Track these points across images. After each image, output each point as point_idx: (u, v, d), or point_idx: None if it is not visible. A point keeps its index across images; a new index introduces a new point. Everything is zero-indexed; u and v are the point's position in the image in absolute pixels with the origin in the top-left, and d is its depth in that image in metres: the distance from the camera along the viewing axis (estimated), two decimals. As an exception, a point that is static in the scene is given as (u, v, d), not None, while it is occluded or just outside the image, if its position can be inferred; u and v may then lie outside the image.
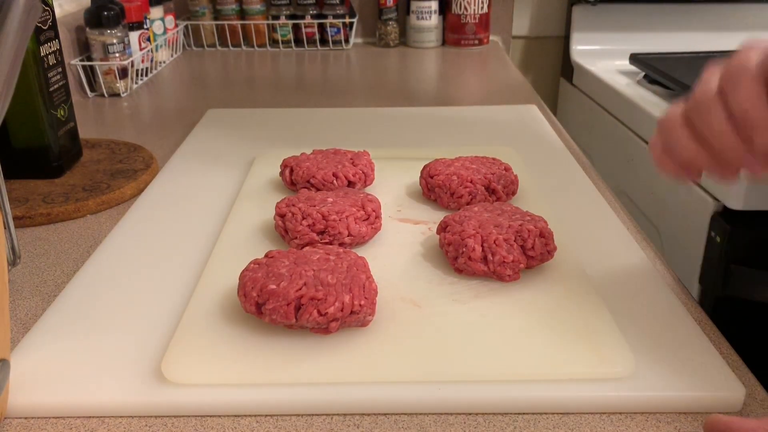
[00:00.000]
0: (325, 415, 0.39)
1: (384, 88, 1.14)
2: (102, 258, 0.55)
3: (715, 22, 1.49)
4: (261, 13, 1.43)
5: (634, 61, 1.29)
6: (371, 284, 0.45)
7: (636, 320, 0.46)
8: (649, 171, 1.11)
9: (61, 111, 0.73)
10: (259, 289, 0.43)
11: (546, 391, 0.39)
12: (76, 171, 0.73)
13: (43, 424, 0.39)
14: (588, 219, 0.61)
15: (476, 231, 0.50)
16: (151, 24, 1.22)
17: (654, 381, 0.40)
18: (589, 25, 1.49)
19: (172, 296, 0.50)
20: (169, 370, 0.41)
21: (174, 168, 0.74)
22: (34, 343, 0.45)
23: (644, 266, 0.53)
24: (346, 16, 1.41)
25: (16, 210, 0.63)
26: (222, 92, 1.12)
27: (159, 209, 0.64)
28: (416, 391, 0.40)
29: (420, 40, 1.45)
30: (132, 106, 1.04)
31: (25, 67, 0.66)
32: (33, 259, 0.58)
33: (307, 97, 1.08)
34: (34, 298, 0.52)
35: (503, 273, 0.49)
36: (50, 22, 0.70)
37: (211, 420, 0.39)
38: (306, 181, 0.63)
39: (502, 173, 0.62)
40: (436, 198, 0.62)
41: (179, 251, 0.56)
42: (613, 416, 0.39)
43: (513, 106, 0.96)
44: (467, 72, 1.26)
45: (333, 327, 0.43)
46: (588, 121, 1.41)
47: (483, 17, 1.43)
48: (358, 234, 0.54)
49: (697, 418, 0.39)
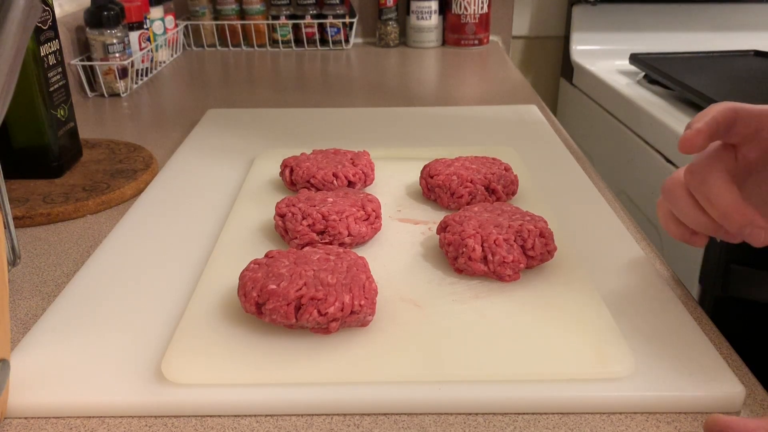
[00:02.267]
0: (325, 415, 0.39)
1: (384, 88, 1.14)
2: (102, 258, 0.55)
3: (715, 22, 1.49)
4: (261, 13, 1.43)
5: (634, 61, 1.29)
6: (371, 284, 0.45)
7: (636, 320, 0.46)
8: (649, 171, 1.11)
9: (61, 111, 0.73)
10: (259, 289, 0.43)
11: (546, 391, 0.39)
12: (76, 171, 0.73)
13: (43, 424, 0.39)
14: (588, 219, 0.61)
15: (476, 231, 0.50)
16: (151, 24, 1.22)
17: (654, 381, 0.40)
18: (589, 25, 1.49)
19: (172, 296, 0.50)
20: (169, 370, 0.41)
21: (174, 168, 0.74)
22: (34, 343, 0.45)
23: (644, 266, 0.53)
24: (346, 16, 1.41)
25: (16, 210, 0.63)
26: (222, 92, 1.12)
27: (159, 209, 0.64)
28: (416, 391, 0.40)
29: (420, 40, 1.45)
30: (132, 106, 1.04)
31: (25, 67, 0.66)
32: (33, 259, 0.58)
33: (307, 97, 1.08)
34: (34, 298, 0.52)
35: (503, 273, 0.49)
36: (50, 22, 0.70)
37: (211, 420, 0.39)
38: (306, 181, 0.63)
39: (502, 173, 0.62)
40: (436, 198, 0.62)
41: (179, 251, 0.56)
42: (613, 416, 0.39)
43: (513, 106, 0.96)
44: (467, 72, 1.26)
45: (333, 327, 0.43)
46: (588, 121, 1.41)
47: (483, 17, 1.43)
48: (358, 234, 0.54)
49: (697, 418, 0.39)
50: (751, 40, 1.45)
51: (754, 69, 1.26)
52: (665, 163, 1.05)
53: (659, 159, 1.07)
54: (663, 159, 1.06)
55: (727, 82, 1.17)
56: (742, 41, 1.44)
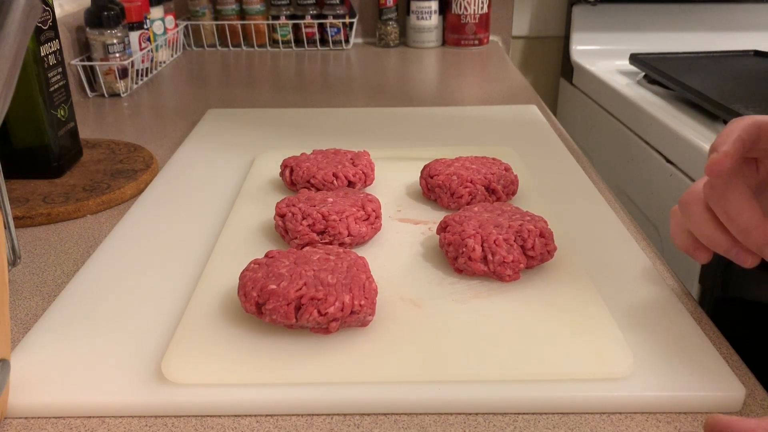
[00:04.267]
0: (325, 415, 0.39)
1: (384, 88, 1.14)
2: (102, 258, 0.55)
3: (715, 22, 1.49)
4: (261, 13, 1.43)
5: (634, 61, 1.29)
6: (371, 284, 0.45)
7: (636, 320, 0.46)
8: (649, 171, 1.11)
9: (61, 111, 0.73)
10: (259, 289, 0.43)
11: (546, 391, 0.39)
12: (76, 171, 0.73)
13: (43, 424, 0.39)
14: (588, 219, 0.61)
15: (476, 231, 0.50)
16: (151, 24, 1.22)
17: (654, 381, 0.40)
18: (589, 25, 1.49)
19: (172, 296, 0.50)
20: (169, 370, 0.41)
21: (174, 168, 0.74)
22: (34, 343, 0.45)
23: (644, 266, 0.53)
24: (346, 16, 1.41)
25: (16, 210, 0.63)
26: (222, 92, 1.12)
27: (159, 209, 0.64)
28: (416, 391, 0.40)
29: (420, 40, 1.45)
30: (132, 106, 1.04)
31: (25, 67, 0.66)
32: (33, 259, 0.58)
33: (307, 97, 1.08)
34: (34, 298, 0.52)
35: (503, 273, 0.49)
36: (50, 22, 0.70)
37: (211, 420, 0.39)
38: (306, 181, 0.63)
39: (502, 173, 0.62)
40: (436, 198, 0.62)
41: (179, 251, 0.56)
42: (613, 416, 0.39)
43: (513, 106, 0.96)
44: (467, 72, 1.26)
45: (333, 327, 0.43)
46: (588, 121, 1.41)
47: (483, 17, 1.43)
48: (358, 234, 0.54)
49: (697, 418, 0.39)
50: (751, 40, 1.45)
51: (754, 69, 1.26)
52: (665, 163, 1.05)
53: (659, 159, 1.07)
54: (663, 159, 1.06)
55: (727, 82, 1.17)
56: (742, 41, 1.44)
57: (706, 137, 0.97)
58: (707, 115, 1.05)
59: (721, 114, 1.00)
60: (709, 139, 0.97)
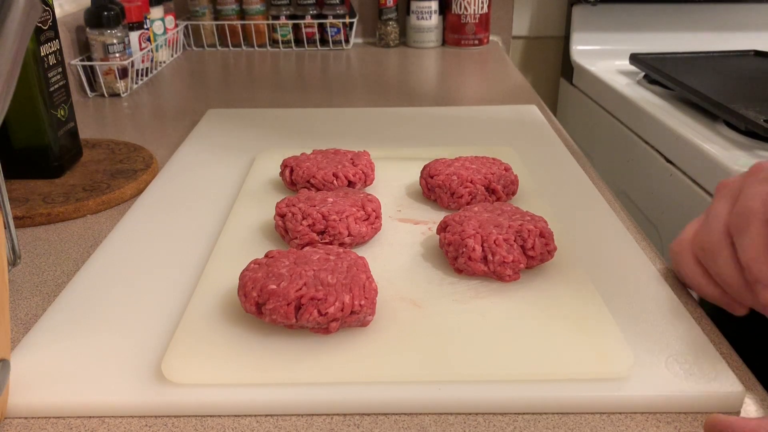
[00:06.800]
0: (325, 415, 0.39)
1: (384, 88, 1.14)
2: (102, 258, 0.55)
3: (715, 22, 1.49)
4: (261, 13, 1.43)
5: (634, 61, 1.29)
6: (371, 284, 0.45)
7: (636, 320, 0.46)
8: (649, 171, 1.11)
9: (61, 111, 0.73)
10: (259, 289, 0.43)
11: (546, 391, 0.39)
12: (76, 171, 0.73)
13: (43, 424, 0.39)
14: (588, 219, 0.61)
15: (476, 231, 0.50)
16: (151, 24, 1.22)
17: (654, 381, 0.40)
18: (589, 25, 1.49)
19: (172, 296, 0.50)
20: (169, 370, 0.41)
21: (174, 168, 0.74)
22: (34, 343, 0.45)
23: (644, 266, 0.53)
24: (346, 16, 1.41)
25: (16, 210, 0.63)
26: (222, 92, 1.12)
27: (159, 209, 0.64)
28: (416, 391, 0.40)
29: (420, 40, 1.45)
30: (132, 106, 1.04)
31: (25, 67, 0.66)
32: (33, 259, 0.58)
33: (307, 97, 1.08)
34: (34, 298, 0.52)
35: (503, 273, 0.49)
36: (50, 22, 0.70)
37: (211, 420, 0.39)
38: (306, 181, 0.63)
39: (502, 173, 0.62)
40: (436, 198, 0.62)
41: (179, 251, 0.56)
42: (613, 416, 0.39)
43: (513, 106, 0.96)
44: (467, 72, 1.26)
45: (333, 327, 0.43)
46: (588, 121, 1.41)
47: (483, 17, 1.43)
48: (358, 234, 0.54)
49: (697, 418, 0.39)
50: (751, 40, 1.45)
51: (754, 69, 1.26)
52: (665, 163, 1.05)
53: (659, 159, 1.07)
54: (663, 159, 1.06)
55: (727, 82, 1.17)
56: (742, 41, 1.44)
57: (706, 137, 0.97)
58: (707, 115, 1.05)
59: (721, 114, 1.00)
60: (709, 139, 0.97)
